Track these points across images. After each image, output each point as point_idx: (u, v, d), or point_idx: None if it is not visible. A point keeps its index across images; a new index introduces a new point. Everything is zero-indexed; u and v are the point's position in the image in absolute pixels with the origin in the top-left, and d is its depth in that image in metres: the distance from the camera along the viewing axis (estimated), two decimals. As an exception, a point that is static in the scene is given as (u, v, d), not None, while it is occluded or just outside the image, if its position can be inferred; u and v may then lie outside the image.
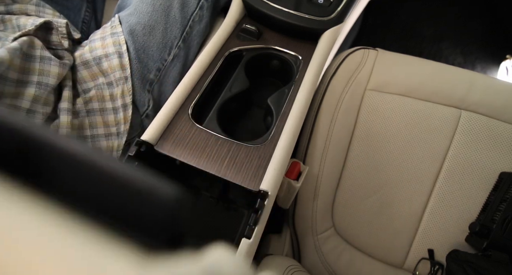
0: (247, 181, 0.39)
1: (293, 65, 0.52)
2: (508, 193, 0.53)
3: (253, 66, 0.52)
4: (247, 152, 0.41)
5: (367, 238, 0.58)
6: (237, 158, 0.41)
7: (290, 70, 0.52)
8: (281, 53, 0.53)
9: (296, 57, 0.52)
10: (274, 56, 0.54)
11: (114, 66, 0.50)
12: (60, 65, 0.46)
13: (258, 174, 0.40)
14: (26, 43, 0.42)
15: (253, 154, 0.41)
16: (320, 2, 0.52)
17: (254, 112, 0.54)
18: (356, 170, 0.58)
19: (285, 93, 0.48)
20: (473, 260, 0.49)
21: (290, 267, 0.43)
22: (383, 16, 1.25)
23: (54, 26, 0.48)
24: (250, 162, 0.41)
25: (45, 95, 0.44)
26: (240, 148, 0.42)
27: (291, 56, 0.53)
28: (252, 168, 0.40)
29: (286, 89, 0.48)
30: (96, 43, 0.50)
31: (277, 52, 0.53)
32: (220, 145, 0.42)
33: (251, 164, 0.40)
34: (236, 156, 0.41)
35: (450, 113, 0.58)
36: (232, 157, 0.41)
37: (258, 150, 0.42)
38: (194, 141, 0.42)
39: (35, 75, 0.43)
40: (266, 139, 0.43)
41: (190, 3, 0.55)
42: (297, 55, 0.52)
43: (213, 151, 0.41)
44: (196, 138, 0.42)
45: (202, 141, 0.42)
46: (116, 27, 0.51)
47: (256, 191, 0.38)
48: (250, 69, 0.52)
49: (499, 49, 1.20)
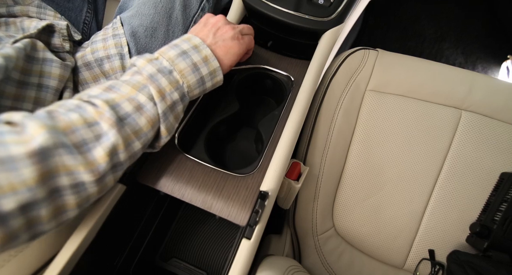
0: (233, 214, 0.38)
1: (285, 85, 0.51)
2: (509, 194, 0.53)
3: (244, 86, 0.51)
4: (235, 182, 0.40)
5: (367, 238, 0.58)
6: (224, 189, 0.40)
7: (283, 89, 0.51)
8: (273, 73, 0.52)
9: (288, 78, 0.51)
10: (266, 76, 0.52)
11: (115, 67, 0.51)
12: (62, 66, 0.46)
13: (245, 206, 0.38)
14: (29, 44, 0.43)
15: (240, 184, 0.40)
16: (321, 3, 0.52)
17: (246, 133, 0.53)
18: (356, 170, 0.58)
19: (276, 117, 0.46)
20: (474, 261, 0.49)
21: (290, 267, 0.43)
22: (383, 16, 1.25)
23: (56, 29, 0.48)
24: (237, 193, 0.39)
25: (48, 97, 0.44)
26: (228, 177, 0.40)
27: (283, 76, 0.51)
28: (239, 200, 0.39)
29: (276, 112, 0.47)
30: (98, 44, 0.51)
31: (269, 72, 0.52)
32: (207, 174, 0.41)
33: (238, 195, 0.39)
34: (223, 186, 0.40)
35: (451, 113, 0.58)
36: (219, 187, 0.40)
37: (246, 180, 0.40)
38: (180, 170, 0.41)
39: (36, 77, 0.43)
40: (255, 167, 0.42)
41: (192, 5, 0.56)
42: (289, 76, 0.51)
43: (199, 181, 0.40)
44: (182, 167, 0.41)
45: (188, 171, 0.41)
46: (117, 29, 0.52)
47: (243, 225, 0.37)
48: (242, 90, 0.51)
49: (501, 49, 1.19)
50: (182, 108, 0.38)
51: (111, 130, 0.30)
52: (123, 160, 0.32)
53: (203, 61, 0.38)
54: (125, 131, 0.31)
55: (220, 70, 0.40)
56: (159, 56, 0.36)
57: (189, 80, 0.37)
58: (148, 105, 0.33)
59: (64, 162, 0.27)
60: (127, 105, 0.32)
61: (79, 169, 0.28)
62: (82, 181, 0.28)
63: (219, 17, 0.43)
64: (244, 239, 0.36)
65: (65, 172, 0.27)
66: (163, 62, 0.36)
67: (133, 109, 0.32)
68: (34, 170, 0.25)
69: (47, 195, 0.26)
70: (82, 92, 0.33)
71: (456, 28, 1.24)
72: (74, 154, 0.27)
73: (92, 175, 0.28)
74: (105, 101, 0.31)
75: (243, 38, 0.43)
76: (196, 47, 0.38)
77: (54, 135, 0.26)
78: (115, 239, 0.37)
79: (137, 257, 0.54)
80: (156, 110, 0.34)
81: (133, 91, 0.33)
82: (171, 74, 0.35)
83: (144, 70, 0.34)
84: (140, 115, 0.33)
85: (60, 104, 0.30)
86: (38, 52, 0.44)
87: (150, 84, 0.34)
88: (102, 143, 0.29)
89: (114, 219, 0.39)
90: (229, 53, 0.41)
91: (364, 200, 0.58)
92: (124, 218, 0.44)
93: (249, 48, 0.45)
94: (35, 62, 0.44)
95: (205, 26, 0.42)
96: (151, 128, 0.34)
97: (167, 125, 0.36)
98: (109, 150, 0.29)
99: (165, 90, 0.34)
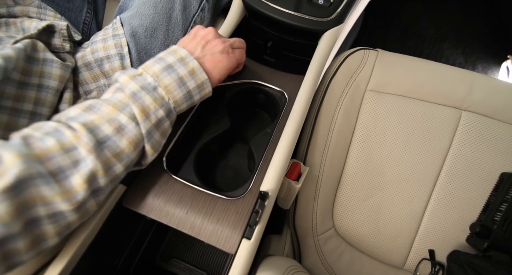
0: (222, 241, 0.36)
1: (278, 101, 0.49)
2: (509, 194, 0.53)
3: (237, 101, 0.50)
4: (225, 206, 0.39)
5: (367, 238, 0.58)
6: (213, 213, 0.38)
7: (276, 105, 0.50)
8: (266, 88, 0.50)
9: (282, 94, 0.49)
10: (259, 91, 0.51)
11: (115, 68, 0.51)
12: (62, 67, 0.46)
13: (234, 234, 0.37)
14: (29, 45, 0.43)
15: (230, 208, 0.38)
16: (320, 3, 0.52)
17: (238, 149, 0.51)
18: (356, 170, 0.58)
19: (268, 135, 0.45)
20: (474, 261, 0.49)
21: (290, 267, 0.43)
22: (383, 16, 1.25)
23: (56, 30, 0.48)
24: (227, 218, 0.38)
25: (48, 97, 0.44)
26: (217, 201, 0.39)
27: (276, 91, 0.50)
28: (229, 225, 0.37)
29: (269, 130, 0.45)
30: (98, 45, 0.51)
31: (262, 87, 0.50)
32: (196, 197, 0.39)
33: (227, 221, 0.38)
34: (212, 210, 0.38)
35: (451, 113, 0.58)
36: (208, 212, 0.38)
37: (236, 204, 0.39)
38: (167, 193, 0.39)
39: (36, 78, 0.43)
40: (246, 189, 0.40)
41: (192, 5, 0.56)
42: (282, 92, 0.49)
43: (187, 205, 0.38)
44: (170, 190, 0.39)
45: (176, 194, 0.39)
46: (117, 29, 0.52)
47: (232, 253, 0.36)
48: (234, 105, 0.49)
49: (501, 49, 1.19)
50: (169, 124, 0.36)
51: (89, 156, 0.28)
52: (104, 185, 0.30)
53: (190, 75, 0.36)
54: (104, 155, 0.30)
55: (209, 83, 0.38)
56: (143, 71, 0.35)
57: (175, 95, 0.35)
58: (129, 125, 0.32)
59: (40, 193, 0.26)
60: (107, 128, 0.31)
61: (55, 199, 0.27)
62: (59, 211, 0.27)
63: (209, 29, 0.42)
64: (244, 239, 0.36)
65: (41, 202, 0.26)
66: (147, 78, 0.34)
67: (113, 131, 0.31)
68: (9, 204, 0.24)
69: (23, 227, 0.25)
70: (62, 113, 0.31)
71: (456, 28, 1.24)
72: (51, 183, 0.26)
73: (69, 204, 0.27)
74: (83, 124, 0.29)
75: (234, 52, 0.42)
76: (182, 60, 0.37)
77: (29, 165, 0.25)
78: (115, 239, 0.37)
79: (137, 257, 0.54)
80: (139, 130, 0.32)
81: (114, 111, 0.32)
82: (156, 90, 0.34)
83: (127, 88, 0.33)
84: (121, 137, 0.31)
85: (37, 127, 0.29)
86: (38, 52, 0.44)
87: (132, 103, 0.32)
88: (80, 170, 0.28)
89: (114, 219, 0.39)
90: (218, 67, 0.39)
91: (364, 200, 0.58)
92: (125, 218, 0.44)
93: (239, 62, 0.44)
94: (36, 62, 0.44)
95: (194, 39, 0.41)
96: (134, 149, 0.32)
97: (153, 144, 0.34)
98: (87, 177, 0.28)
99: (149, 108, 0.33)
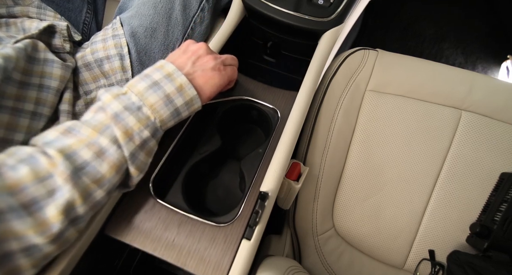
0: (209, 271, 0.35)
1: (271, 119, 0.48)
2: (509, 194, 0.53)
3: (228, 118, 0.49)
4: (213, 233, 0.37)
5: (367, 238, 0.58)
6: (200, 241, 0.36)
7: (269, 121, 0.49)
8: (259, 104, 0.49)
9: (275, 111, 0.48)
10: (252, 107, 0.50)
11: (115, 68, 0.51)
12: (63, 67, 0.46)
13: (222, 264, 0.35)
14: (30, 45, 0.43)
15: (218, 235, 0.37)
16: (320, 3, 0.52)
17: (230, 166, 0.49)
18: (356, 170, 0.58)
19: (260, 156, 0.43)
20: (474, 261, 0.49)
21: (290, 267, 0.43)
22: (383, 16, 1.25)
23: (57, 30, 0.48)
24: (215, 247, 0.36)
25: (49, 97, 0.44)
26: (205, 227, 0.37)
27: (269, 108, 0.49)
28: (216, 255, 0.36)
29: (261, 150, 0.44)
30: (98, 45, 0.51)
31: (254, 103, 0.49)
32: (182, 224, 0.38)
33: (215, 250, 0.36)
34: (199, 238, 0.37)
35: (451, 113, 0.58)
36: (195, 239, 0.36)
37: (225, 231, 0.37)
38: (153, 220, 0.38)
39: (37, 78, 0.43)
40: (236, 215, 0.38)
41: (192, 5, 0.56)
42: (275, 109, 0.48)
43: (173, 233, 0.37)
44: (156, 217, 0.38)
45: (162, 221, 0.38)
46: (117, 29, 0.52)
47: None
48: (225, 122, 0.48)
49: (501, 49, 1.19)
50: (155, 142, 0.35)
51: (66, 185, 0.27)
52: (83, 213, 0.29)
53: (178, 91, 0.34)
54: (83, 182, 0.28)
55: (198, 99, 0.37)
56: (127, 90, 0.33)
57: (162, 114, 0.34)
58: (111, 149, 0.30)
59: (11, 228, 0.24)
60: (85, 152, 0.29)
61: (28, 233, 0.25)
62: (33, 244, 0.26)
63: (200, 44, 0.40)
64: (244, 240, 0.36)
65: (13, 237, 0.24)
66: (131, 97, 0.33)
67: (92, 156, 0.29)
68: None
69: None
70: (39, 136, 0.30)
71: (456, 28, 1.24)
72: (23, 217, 0.25)
73: (44, 237, 0.26)
74: (60, 150, 0.28)
75: (225, 69, 0.40)
76: (169, 76, 0.35)
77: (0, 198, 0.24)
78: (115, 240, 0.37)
79: (137, 257, 0.54)
80: (121, 153, 0.31)
81: (94, 134, 0.30)
82: (140, 110, 0.32)
83: (109, 108, 0.31)
84: (102, 161, 0.29)
85: (12, 153, 0.27)
86: (39, 52, 0.44)
87: (114, 124, 0.31)
88: (55, 200, 0.26)
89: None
90: (209, 84, 0.38)
91: (364, 200, 0.58)
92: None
93: (231, 79, 0.42)
94: (36, 62, 0.44)
95: (185, 53, 0.39)
96: (116, 174, 0.31)
97: (138, 165, 0.33)
98: (63, 208, 0.27)
99: (133, 129, 0.31)
